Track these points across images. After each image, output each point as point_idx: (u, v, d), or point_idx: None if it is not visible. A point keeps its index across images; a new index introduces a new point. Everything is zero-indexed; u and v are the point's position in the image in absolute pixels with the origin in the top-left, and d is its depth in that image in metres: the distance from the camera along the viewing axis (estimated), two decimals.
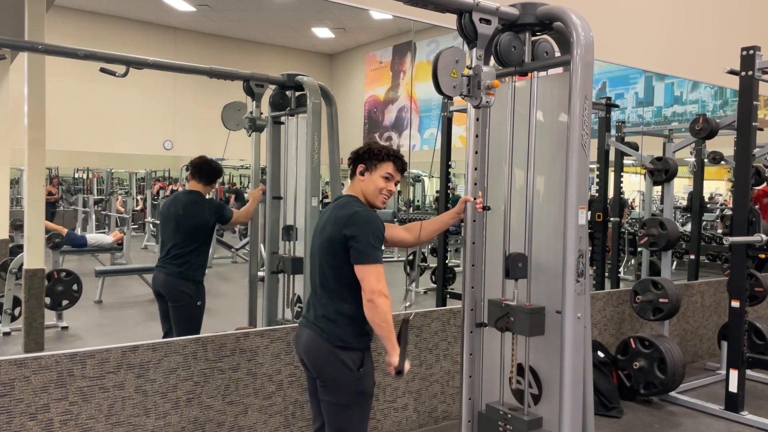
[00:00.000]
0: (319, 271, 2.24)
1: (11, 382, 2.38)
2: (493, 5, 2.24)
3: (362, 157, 2.28)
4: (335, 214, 2.20)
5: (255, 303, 4.03)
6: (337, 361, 2.15)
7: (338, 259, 2.15)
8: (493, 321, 2.39)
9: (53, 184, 11.01)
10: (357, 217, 2.13)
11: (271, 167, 3.93)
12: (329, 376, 2.18)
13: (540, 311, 2.30)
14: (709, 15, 5.51)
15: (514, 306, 2.32)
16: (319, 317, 2.20)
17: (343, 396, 2.18)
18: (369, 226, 2.12)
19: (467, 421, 2.48)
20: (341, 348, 2.15)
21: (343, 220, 2.14)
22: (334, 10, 8.83)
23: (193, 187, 3.54)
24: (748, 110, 3.80)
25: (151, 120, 11.45)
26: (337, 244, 2.14)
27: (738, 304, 3.85)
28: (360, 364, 2.17)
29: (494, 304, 2.41)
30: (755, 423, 3.77)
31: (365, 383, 2.20)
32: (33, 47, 3.37)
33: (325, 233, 2.20)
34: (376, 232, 2.13)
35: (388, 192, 2.27)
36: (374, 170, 2.25)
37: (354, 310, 2.15)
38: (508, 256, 2.33)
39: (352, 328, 2.16)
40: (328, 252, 2.18)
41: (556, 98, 2.34)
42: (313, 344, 2.20)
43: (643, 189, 8.59)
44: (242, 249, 8.94)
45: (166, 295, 3.43)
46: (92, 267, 6.77)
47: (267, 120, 3.86)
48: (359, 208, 2.18)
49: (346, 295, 2.16)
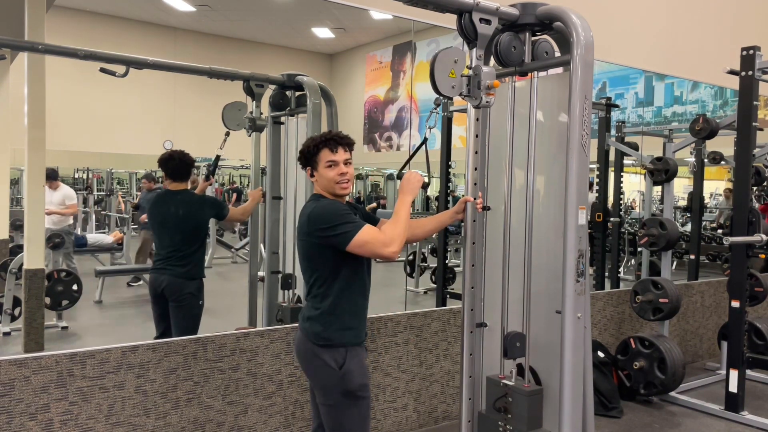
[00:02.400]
0: (303, 273, 2.27)
1: (11, 382, 2.37)
2: (493, 5, 2.24)
3: (303, 162, 2.28)
4: (301, 217, 2.25)
5: (255, 303, 4.03)
6: (319, 361, 2.16)
7: (309, 258, 2.19)
8: (492, 401, 2.39)
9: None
10: (313, 216, 2.15)
11: (271, 167, 3.93)
12: (314, 377, 2.21)
13: (538, 393, 2.32)
14: (709, 15, 5.51)
15: (513, 387, 2.33)
16: (304, 318, 2.23)
17: (330, 396, 2.17)
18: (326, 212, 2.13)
19: (467, 421, 2.48)
20: (323, 347, 2.16)
21: (304, 222, 2.18)
22: (334, 10, 8.83)
23: (176, 187, 3.49)
24: (748, 110, 3.80)
25: (151, 120, 11.43)
26: (311, 246, 2.17)
27: (738, 304, 3.85)
28: (342, 362, 2.15)
29: (492, 382, 2.41)
30: (755, 423, 3.77)
31: (350, 381, 2.16)
32: (33, 47, 3.37)
33: (300, 238, 2.23)
34: (334, 213, 2.12)
35: (341, 176, 2.20)
36: (317, 166, 2.23)
37: (332, 304, 2.17)
38: (506, 336, 2.33)
39: (333, 323, 2.17)
40: (301, 254, 2.24)
41: (556, 98, 2.34)
42: (299, 345, 2.25)
43: (643, 189, 8.59)
44: (242, 249, 8.94)
45: (170, 296, 3.41)
46: (92, 267, 6.77)
47: (267, 120, 3.86)
48: (312, 205, 2.19)
49: (323, 291, 2.17)
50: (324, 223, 2.11)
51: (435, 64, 2.14)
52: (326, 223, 2.11)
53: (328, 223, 2.11)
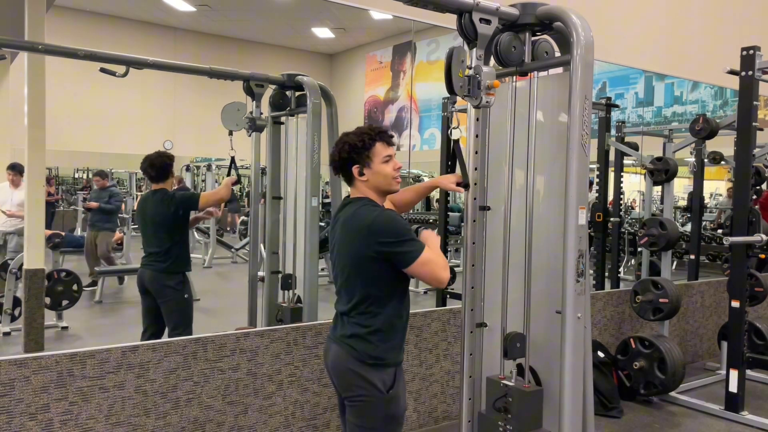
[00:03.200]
0: (345, 287, 2.07)
1: (11, 382, 2.37)
2: (493, 5, 2.24)
3: (350, 158, 2.05)
4: (352, 225, 2.01)
5: (255, 303, 4.03)
6: (365, 383, 1.99)
7: (361, 270, 2.00)
8: (492, 402, 2.39)
9: (50, 185, 11.00)
10: (376, 226, 1.95)
11: (271, 167, 3.93)
12: (356, 398, 2.02)
13: (537, 394, 2.31)
14: (710, 15, 5.52)
15: (513, 387, 2.33)
16: (345, 335, 2.04)
17: (371, 420, 2.02)
18: (392, 226, 1.96)
19: (467, 421, 2.48)
20: (373, 366, 1.99)
21: (361, 230, 1.97)
22: (334, 10, 8.83)
23: (155, 187, 3.64)
24: (748, 110, 3.80)
25: (151, 120, 11.43)
26: (367, 260, 1.98)
27: (738, 304, 3.85)
28: (391, 384, 2.01)
29: (492, 383, 2.41)
30: (755, 423, 3.77)
31: (396, 407, 2.04)
32: (33, 47, 3.37)
33: (347, 249, 2.03)
34: (402, 228, 1.98)
35: (397, 171, 2.07)
36: (370, 163, 2.03)
37: (385, 322, 2.02)
38: (506, 336, 2.33)
39: (385, 341, 2.02)
40: (357, 268, 2.01)
41: (556, 98, 2.34)
42: (340, 362, 2.04)
43: (643, 189, 8.59)
44: (242, 249, 8.94)
45: (153, 292, 3.56)
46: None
47: (267, 120, 3.86)
48: (374, 213, 1.99)
49: (375, 308, 2.01)
50: (390, 236, 1.94)
51: (452, 61, 2.11)
52: (393, 237, 1.94)
53: (395, 237, 1.94)
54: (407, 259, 1.94)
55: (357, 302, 2.02)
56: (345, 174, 2.10)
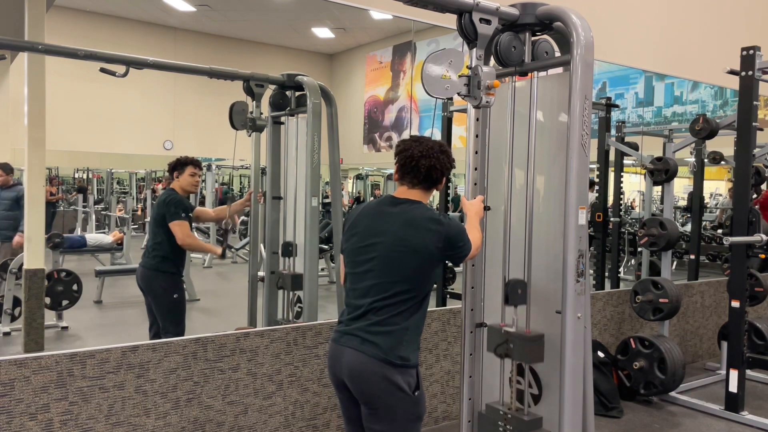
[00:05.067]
0: (376, 282, 2.02)
1: (11, 382, 2.37)
2: (493, 5, 2.24)
3: (437, 176, 2.14)
4: (419, 221, 2.03)
5: (255, 303, 4.03)
6: (392, 386, 1.94)
7: (420, 272, 2.02)
8: (493, 347, 2.39)
9: (53, 185, 11.01)
10: (444, 226, 2.02)
11: (271, 167, 3.93)
12: (383, 403, 1.96)
13: (539, 339, 2.31)
14: (710, 15, 5.51)
15: (514, 333, 2.32)
16: (373, 333, 1.97)
17: (398, 424, 1.98)
18: (459, 231, 2.08)
19: (467, 421, 2.48)
20: (399, 367, 1.95)
21: (434, 230, 2.00)
22: (334, 10, 8.83)
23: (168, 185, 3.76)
24: (748, 110, 3.80)
25: (151, 120, 11.44)
26: (425, 260, 2.01)
27: (738, 304, 3.85)
28: (416, 385, 2.00)
29: (493, 330, 2.40)
30: (755, 423, 3.77)
31: (422, 407, 2.04)
32: (33, 47, 3.37)
33: (402, 244, 2.00)
34: (464, 229, 2.13)
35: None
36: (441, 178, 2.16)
37: (415, 322, 2.04)
38: (507, 283, 2.33)
39: (412, 341, 2.02)
40: (406, 265, 2.00)
41: (556, 98, 2.34)
42: (362, 367, 1.96)
43: (643, 189, 8.59)
44: (242, 249, 8.94)
45: (144, 289, 3.60)
46: (92, 267, 6.77)
47: (267, 120, 3.86)
48: (437, 214, 2.07)
49: (409, 306, 2.00)
50: (460, 240, 2.06)
51: (424, 69, 2.16)
52: (461, 241, 2.06)
53: (462, 240, 2.06)
54: (464, 255, 2.09)
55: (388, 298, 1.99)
56: (431, 178, 2.12)
